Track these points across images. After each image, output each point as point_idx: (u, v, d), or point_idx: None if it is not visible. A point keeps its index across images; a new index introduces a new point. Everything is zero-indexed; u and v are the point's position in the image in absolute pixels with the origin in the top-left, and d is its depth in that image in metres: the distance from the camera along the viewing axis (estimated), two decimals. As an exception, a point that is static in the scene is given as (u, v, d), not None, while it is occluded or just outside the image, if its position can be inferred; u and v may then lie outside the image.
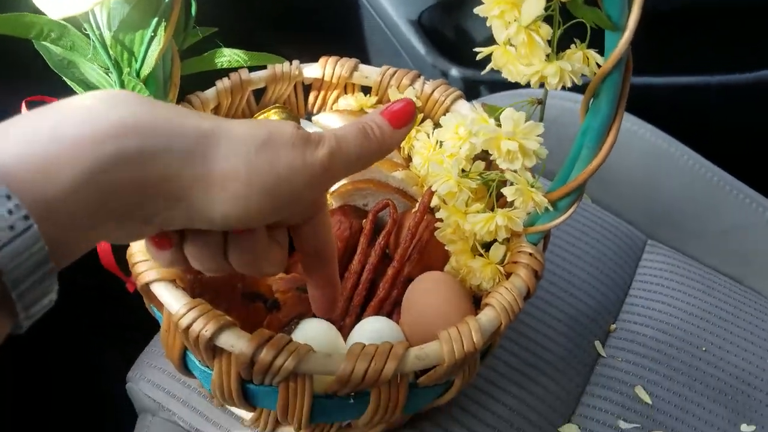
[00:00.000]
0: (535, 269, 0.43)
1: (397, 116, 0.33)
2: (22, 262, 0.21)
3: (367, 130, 0.32)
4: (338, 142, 0.30)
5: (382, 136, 0.33)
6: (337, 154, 0.30)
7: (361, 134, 0.32)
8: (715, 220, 0.70)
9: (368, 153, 0.32)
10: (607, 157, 0.37)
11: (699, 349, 0.59)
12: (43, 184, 0.22)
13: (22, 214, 0.21)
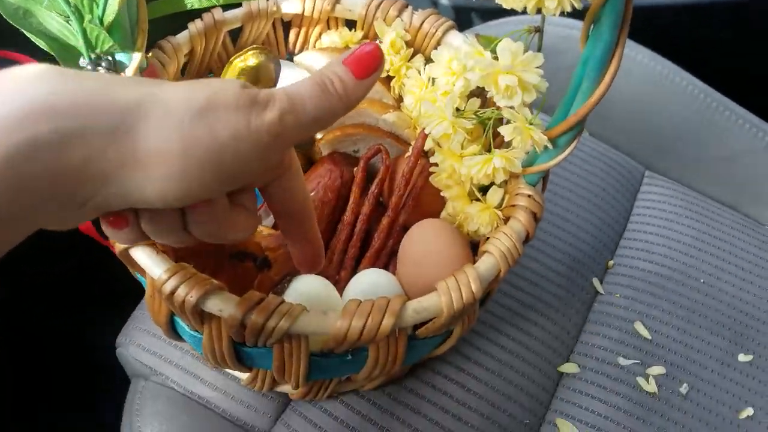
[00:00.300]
0: (534, 212, 0.41)
1: (362, 64, 0.29)
2: None
3: (327, 85, 0.28)
4: (291, 101, 0.27)
5: (344, 90, 0.28)
6: (290, 115, 0.27)
7: (319, 89, 0.28)
8: (715, 147, 0.68)
9: (328, 112, 0.28)
10: (609, 87, 0.34)
11: (697, 280, 0.58)
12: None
13: None
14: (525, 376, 0.51)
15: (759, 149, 0.67)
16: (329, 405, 0.48)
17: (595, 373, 0.52)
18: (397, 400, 0.49)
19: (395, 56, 0.51)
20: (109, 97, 0.24)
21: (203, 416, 0.49)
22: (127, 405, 0.52)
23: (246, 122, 0.26)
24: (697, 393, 0.52)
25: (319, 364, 0.41)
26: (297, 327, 0.35)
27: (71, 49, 0.40)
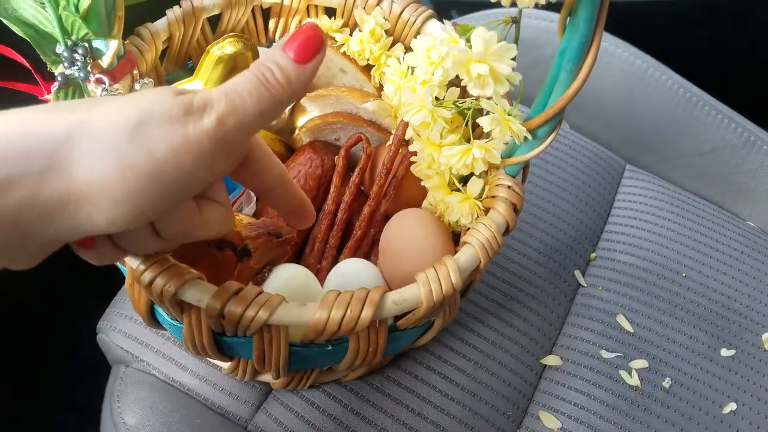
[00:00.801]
0: (514, 203, 0.41)
1: (303, 47, 0.27)
2: None
3: (266, 76, 0.26)
4: (230, 101, 0.25)
5: (286, 78, 0.27)
6: (230, 117, 0.25)
7: (258, 83, 0.26)
8: (695, 142, 0.68)
9: (271, 105, 0.27)
10: (586, 79, 0.34)
11: (679, 274, 0.58)
12: None
13: None
14: (508, 367, 0.51)
15: (738, 145, 0.67)
16: (311, 394, 0.48)
17: (578, 365, 0.52)
18: (379, 390, 0.49)
19: (375, 45, 0.50)
20: (35, 138, 0.23)
21: (184, 403, 0.49)
22: (108, 391, 0.51)
23: (183, 133, 0.24)
24: (680, 387, 0.52)
25: (299, 354, 0.40)
26: (275, 318, 0.35)
27: (47, 36, 0.40)
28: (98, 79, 0.40)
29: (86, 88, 0.39)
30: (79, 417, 0.60)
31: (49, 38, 0.39)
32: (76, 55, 0.39)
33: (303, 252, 0.49)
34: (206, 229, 0.30)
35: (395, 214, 0.46)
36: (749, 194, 0.67)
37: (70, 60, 0.39)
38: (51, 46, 0.39)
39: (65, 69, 0.39)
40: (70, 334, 0.65)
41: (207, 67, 0.43)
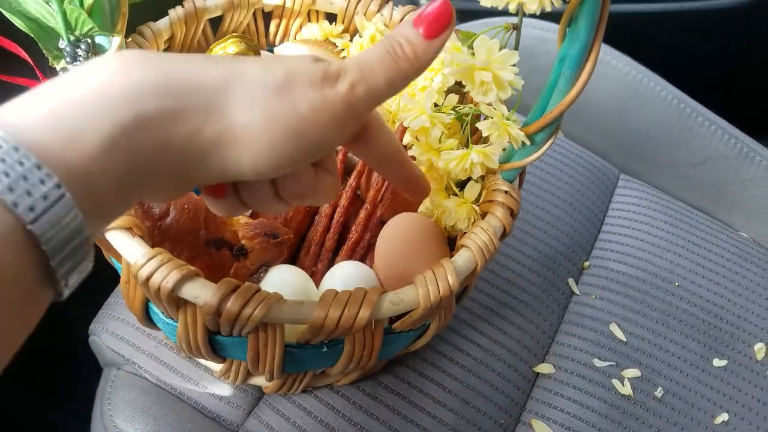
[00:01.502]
0: (511, 208, 0.41)
1: (432, 23, 0.28)
2: (59, 230, 0.21)
3: (396, 50, 0.28)
4: (361, 71, 0.27)
5: (414, 53, 0.28)
6: (361, 85, 0.27)
7: (389, 56, 0.28)
8: (689, 152, 0.69)
9: (399, 77, 0.28)
10: (585, 85, 0.35)
11: (672, 284, 0.59)
12: (69, 152, 0.22)
13: (54, 183, 0.21)
14: (501, 375, 0.51)
15: (731, 156, 0.68)
16: (302, 399, 0.48)
17: (571, 374, 0.52)
18: (372, 395, 0.48)
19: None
20: (199, 77, 0.25)
21: (175, 407, 0.48)
22: (99, 393, 0.51)
23: (321, 95, 0.27)
24: (672, 397, 0.52)
25: (294, 355, 0.40)
26: (272, 315, 0.35)
27: (50, 30, 0.40)
28: (99, 76, 0.40)
29: (87, 84, 0.39)
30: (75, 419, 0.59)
31: (52, 33, 0.39)
32: (78, 50, 0.39)
33: (299, 254, 0.49)
34: (320, 195, 0.32)
35: (391, 219, 0.46)
36: (742, 205, 0.68)
37: (72, 55, 0.39)
38: (54, 41, 0.40)
39: (67, 64, 0.39)
40: (62, 336, 0.65)
41: (208, 67, 0.43)
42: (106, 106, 0.23)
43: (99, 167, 0.23)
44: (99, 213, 0.24)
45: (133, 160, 0.24)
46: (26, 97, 0.23)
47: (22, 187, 0.21)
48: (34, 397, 0.71)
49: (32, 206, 0.21)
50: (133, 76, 0.24)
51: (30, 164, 0.21)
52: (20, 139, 0.21)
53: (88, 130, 0.23)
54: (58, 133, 0.22)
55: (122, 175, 0.24)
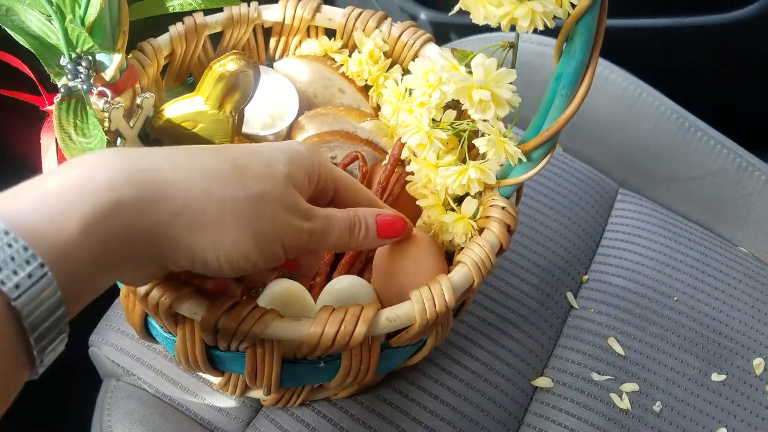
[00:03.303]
0: (508, 224, 0.41)
1: (389, 229, 0.37)
2: (39, 306, 0.23)
3: (356, 229, 0.35)
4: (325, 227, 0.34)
5: (364, 239, 0.36)
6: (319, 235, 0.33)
7: (347, 229, 0.35)
8: (687, 167, 0.69)
9: (343, 245, 0.35)
10: (581, 104, 0.35)
11: (670, 298, 0.59)
12: (52, 235, 0.24)
13: (38, 263, 0.23)
14: (499, 389, 0.51)
15: (730, 170, 0.68)
16: (301, 411, 0.48)
17: (569, 388, 0.52)
18: (370, 408, 0.49)
19: (373, 66, 0.51)
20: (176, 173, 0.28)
21: (174, 418, 0.49)
22: (98, 404, 0.51)
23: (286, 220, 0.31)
24: (671, 411, 0.52)
25: (291, 370, 0.41)
26: (269, 332, 0.35)
27: (52, 47, 0.40)
28: (101, 92, 0.41)
29: (89, 101, 0.40)
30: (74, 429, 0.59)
31: (53, 50, 0.40)
32: (79, 67, 0.40)
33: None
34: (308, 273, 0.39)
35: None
36: (741, 220, 0.68)
37: (73, 72, 0.39)
38: (55, 58, 0.40)
39: (68, 81, 0.40)
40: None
41: (208, 84, 0.44)
42: (86, 194, 0.26)
43: (78, 249, 0.25)
44: (76, 292, 0.26)
45: (109, 242, 0.26)
46: (18, 187, 0.26)
47: (9, 267, 0.23)
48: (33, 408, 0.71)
49: (18, 284, 0.23)
50: (116, 167, 0.27)
51: (18, 246, 0.23)
52: (9, 222, 0.23)
53: (70, 215, 0.25)
54: (43, 217, 0.24)
55: (99, 256, 0.26)
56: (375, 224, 0.36)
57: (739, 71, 0.89)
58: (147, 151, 0.29)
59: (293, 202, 0.32)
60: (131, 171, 0.27)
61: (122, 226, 0.26)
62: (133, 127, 0.45)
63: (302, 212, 0.32)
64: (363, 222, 0.36)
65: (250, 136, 0.51)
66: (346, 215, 0.35)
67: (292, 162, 0.33)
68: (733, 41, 0.84)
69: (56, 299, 0.24)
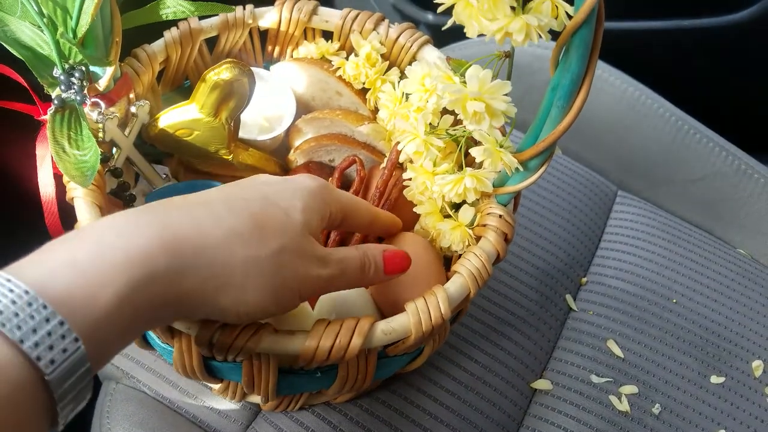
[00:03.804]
0: (505, 232, 0.41)
1: (393, 265, 0.38)
2: (70, 377, 0.24)
3: (366, 267, 0.37)
4: (341, 269, 0.35)
5: (373, 276, 0.37)
6: (336, 279, 0.35)
7: (360, 269, 0.36)
8: (686, 169, 0.69)
9: (356, 284, 0.37)
10: (577, 116, 0.34)
11: (669, 300, 0.59)
12: (88, 310, 0.25)
13: (73, 337, 0.24)
14: (498, 391, 0.51)
15: (729, 173, 0.67)
16: (300, 415, 0.48)
17: (568, 390, 0.52)
18: (369, 411, 0.49)
19: (371, 69, 0.51)
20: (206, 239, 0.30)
21: (174, 421, 0.49)
22: (98, 407, 0.51)
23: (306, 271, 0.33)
24: (670, 414, 0.52)
25: (288, 380, 0.41)
26: (264, 347, 0.35)
27: (44, 58, 0.40)
28: (94, 103, 0.41)
29: (82, 112, 0.39)
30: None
31: (46, 61, 0.40)
32: (72, 78, 0.39)
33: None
34: None
35: (387, 239, 0.46)
36: (740, 222, 0.67)
37: (66, 83, 0.39)
38: (48, 69, 0.40)
39: (62, 92, 0.39)
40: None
41: (203, 93, 0.43)
42: (120, 266, 0.26)
43: (110, 321, 0.26)
44: (103, 357, 0.26)
45: (140, 313, 0.27)
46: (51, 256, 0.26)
47: (46, 343, 0.23)
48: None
49: (53, 359, 0.23)
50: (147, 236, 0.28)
51: (55, 321, 0.24)
52: (48, 296, 0.24)
53: (104, 287, 0.25)
54: (79, 291, 0.25)
55: (128, 326, 0.27)
56: (383, 262, 0.37)
57: (737, 74, 0.88)
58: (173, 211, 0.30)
59: (311, 250, 0.33)
60: (163, 240, 0.28)
61: (153, 297, 0.27)
62: (128, 136, 0.45)
63: (319, 259, 0.34)
64: (372, 261, 0.37)
65: (247, 141, 0.51)
66: (357, 255, 0.36)
67: (307, 208, 0.34)
68: (732, 44, 0.83)
69: (86, 369, 0.25)
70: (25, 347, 0.23)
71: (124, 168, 0.46)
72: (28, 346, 0.23)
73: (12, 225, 0.53)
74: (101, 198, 0.39)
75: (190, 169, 0.50)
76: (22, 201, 0.47)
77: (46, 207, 0.41)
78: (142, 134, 0.47)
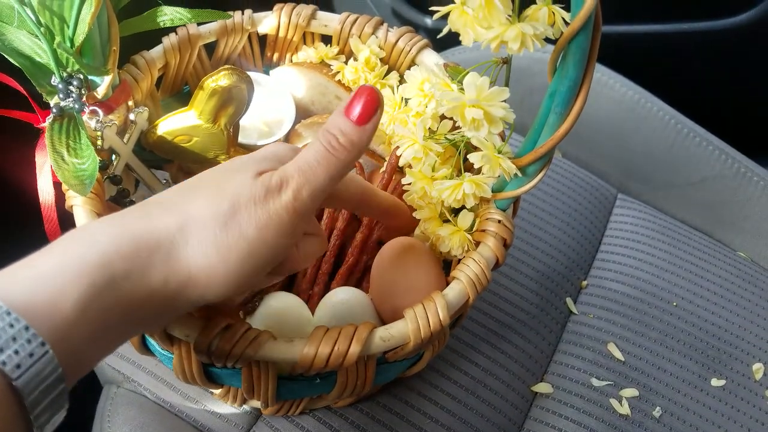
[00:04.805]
0: (504, 238, 0.41)
1: (361, 110, 0.30)
2: (40, 383, 0.24)
3: (333, 143, 0.30)
4: (303, 174, 0.30)
5: (349, 142, 0.30)
6: (304, 189, 0.29)
7: (326, 152, 0.30)
8: (685, 172, 0.69)
9: (340, 167, 0.30)
10: (575, 122, 0.34)
11: (670, 303, 0.59)
12: (52, 315, 0.25)
13: (39, 341, 0.24)
14: (498, 394, 0.51)
15: (728, 176, 0.67)
16: (301, 419, 0.48)
17: (569, 393, 0.52)
18: (370, 415, 0.49)
19: (370, 73, 0.51)
20: (158, 234, 0.28)
21: (174, 425, 0.49)
22: (99, 411, 0.51)
23: (266, 211, 0.29)
24: (671, 417, 0.52)
25: (287, 386, 0.41)
26: (263, 354, 0.35)
27: (42, 67, 0.40)
28: (92, 111, 0.41)
29: (81, 120, 0.40)
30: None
31: (44, 69, 0.40)
32: (71, 86, 0.39)
33: (295, 277, 0.49)
34: (307, 260, 0.34)
35: (387, 243, 0.46)
36: (739, 225, 0.67)
37: (65, 92, 0.39)
38: (46, 77, 0.40)
39: (60, 100, 0.39)
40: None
41: (201, 99, 0.43)
42: (81, 273, 0.26)
43: (76, 325, 0.25)
44: (78, 365, 0.26)
45: (108, 317, 0.27)
46: (14, 267, 0.26)
47: (11, 347, 0.23)
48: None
49: (19, 364, 0.23)
50: (102, 244, 0.27)
51: (20, 326, 0.24)
52: (10, 303, 0.24)
53: (66, 294, 0.25)
54: (41, 297, 0.25)
55: (96, 330, 0.26)
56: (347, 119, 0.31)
57: (736, 76, 0.88)
58: (130, 213, 0.29)
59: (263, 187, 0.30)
60: (118, 244, 0.27)
61: (117, 300, 0.27)
62: (127, 143, 0.45)
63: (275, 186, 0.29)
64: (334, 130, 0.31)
65: (247, 146, 0.51)
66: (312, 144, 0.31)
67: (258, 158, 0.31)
68: (731, 47, 0.83)
69: (57, 376, 0.24)
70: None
71: (124, 175, 0.46)
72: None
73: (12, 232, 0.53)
74: (100, 205, 0.39)
75: (191, 175, 0.50)
76: (22, 208, 0.47)
77: (45, 214, 0.41)
78: (141, 141, 0.47)
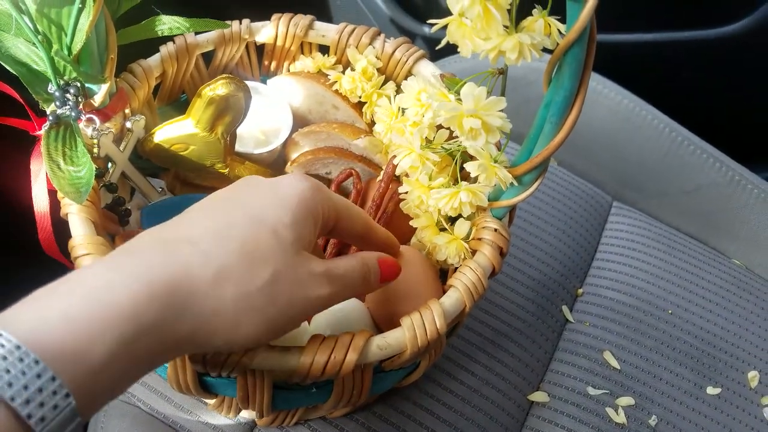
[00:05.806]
0: (500, 246, 0.41)
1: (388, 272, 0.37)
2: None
3: (368, 277, 0.36)
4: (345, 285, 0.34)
5: (373, 284, 0.37)
6: (338, 297, 0.34)
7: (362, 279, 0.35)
8: (680, 181, 0.69)
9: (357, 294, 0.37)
10: (570, 132, 0.35)
11: (665, 311, 0.59)
12: (79, 365, 0.25)
13: (64, 393, 0.24)
14: (495, 403, 0.51)
15: (722, 183, 0.68)
16: (296, 430, 0.48)
17: (565, 402, 0.52)
18: (366, 426, 0.49)
19: (367, 83, 0.51)
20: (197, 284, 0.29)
21: (168, 436, 0.49)
22: (92, 423, 0.51)
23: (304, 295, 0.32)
24: (666, 425, 0.52)
25: (283, 395, 0.41)
26: (258, 363, 0.35)
27: (39, 74, 0.40)
28: (89, 119, 0.41)
29: (77, 128, 0.40)
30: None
31: (41, 77, 0.40)
32: (67, 94, 0.39)
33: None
34: None
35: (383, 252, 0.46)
36: (734, 232, 0.68)
37: (61, 99, 0.39)
38: (43, 85, 0.40)
39: (57, 108, 0.39)
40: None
41: (198, 108, 0.43)
42: (109, 321, 0.26)
43: (101, 377, 0.25)
44: (90, 411, 0.26)
45: (131, 366, 0.27)
46: (37, 303, 0.26)
47: (37, 399, 0.23)
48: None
49: (43, 417, 0.23)
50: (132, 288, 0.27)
51: (47, 377, 0.24)
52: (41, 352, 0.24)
53: (94, 344, 0.25)
54: (69, 346, 0.25)
55: (119, 379, 0.27)
56: (378, 270, 0.37)
57: (730, 85, 0.88)
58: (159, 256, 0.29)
59: (307, 270, 0.32)
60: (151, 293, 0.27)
61: (144, 349, 0.27)
62: (124, 151, 0.45)
63: (317, 278, 0.32)
64: (372, 269, 0.36)
65: (244, 155, 0.51)
66: (357, 267, 0.35)
67: (297, 221, 0.32)
68: (725, 55, 0.83)
69: (75, 425, 0.25)
70: (15, 405, 0.23)
71: (120, 183, 0.46)
72: (19, 403, 0.23)
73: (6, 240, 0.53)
74: (96, 213, 0.39)
75: (187, 183, 0.50)
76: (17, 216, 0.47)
77: (39, 222, 0.41)
78: (137, 149, 0.47)
